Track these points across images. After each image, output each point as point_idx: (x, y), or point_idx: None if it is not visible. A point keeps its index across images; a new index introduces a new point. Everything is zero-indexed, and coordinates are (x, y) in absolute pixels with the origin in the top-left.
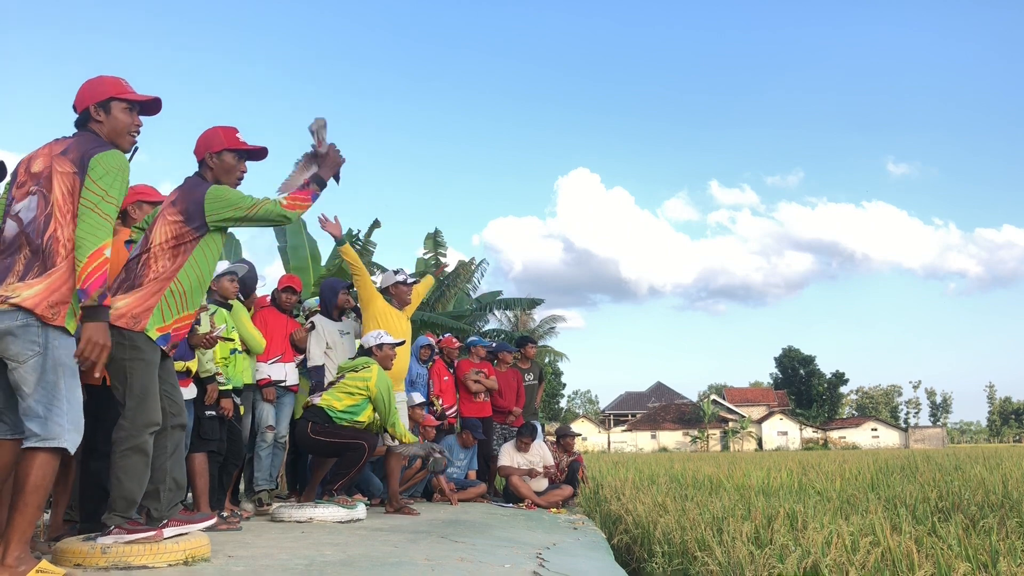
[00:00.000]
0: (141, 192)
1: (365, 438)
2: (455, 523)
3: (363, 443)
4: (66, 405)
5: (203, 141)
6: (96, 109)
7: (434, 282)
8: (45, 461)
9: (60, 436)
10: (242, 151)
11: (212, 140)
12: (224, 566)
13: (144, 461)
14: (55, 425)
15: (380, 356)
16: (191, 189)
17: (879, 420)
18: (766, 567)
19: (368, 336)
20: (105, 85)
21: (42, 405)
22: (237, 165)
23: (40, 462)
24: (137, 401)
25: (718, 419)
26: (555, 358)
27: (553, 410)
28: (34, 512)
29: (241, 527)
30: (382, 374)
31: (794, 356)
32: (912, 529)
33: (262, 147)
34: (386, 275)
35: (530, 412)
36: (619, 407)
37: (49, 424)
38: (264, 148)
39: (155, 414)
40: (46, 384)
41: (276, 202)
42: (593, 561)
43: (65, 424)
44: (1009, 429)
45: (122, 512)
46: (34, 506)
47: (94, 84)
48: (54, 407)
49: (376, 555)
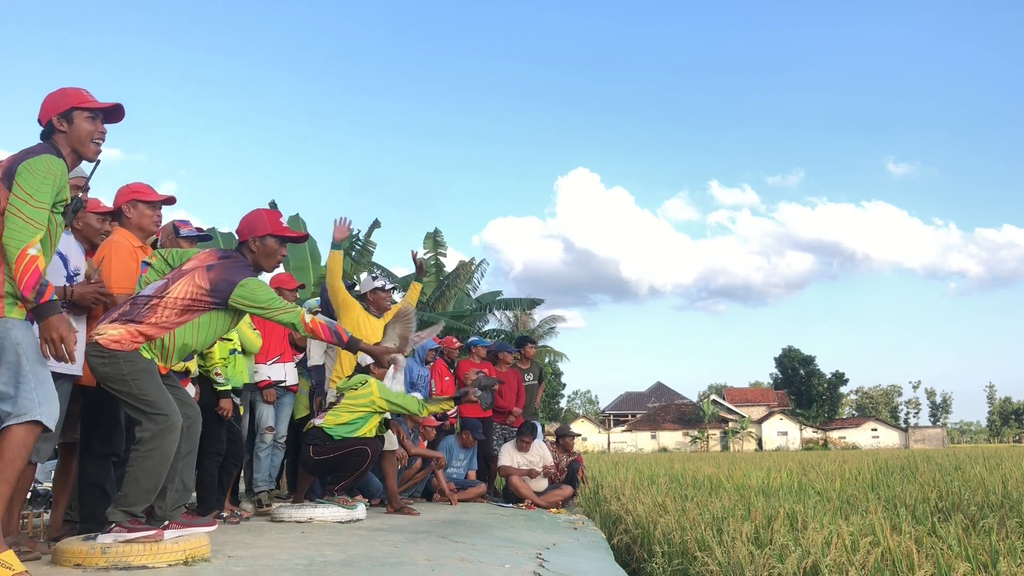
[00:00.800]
0: (136, 191)
1: (368, 443)
2: (455, 523)
3: (366, 448)
4: (33, 381)
5: (247, 224)
6: (59, 120)
7: (420, 285)
8: (21, 436)
9: (32, 410)
10: (285, 237)
11: (256, 224)
12: (224, 566)
13: (165, 463)
14: (26, 401)
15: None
16: (232, 270)
17: (879, 420)
18: (766, 567)
19: (362, 284)
20: (67, 96)
21: (9, 386)
22: (279, 250)
23: (15, 437)
24: (152, 405)
25: (718, 419)
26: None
27: (553, 410)
28: (5, 488)
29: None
30: (382, 386)
31: (794, 356)
32: (912, 529)
33: (304, 234)
34: (365, 281)
35: (530, 412)
36: (619, 407)
37: (19, 401)
38: (306, 235)
39: (174, 412)
40: (7, 365)
41: (299, 314)
42: (593, 561)
43: (35, 399)
44: (1009, 429)
45: (128, 508)
46: (5, 481)
47: (56, 96)
48: (21, 385)
49: (376, 555)
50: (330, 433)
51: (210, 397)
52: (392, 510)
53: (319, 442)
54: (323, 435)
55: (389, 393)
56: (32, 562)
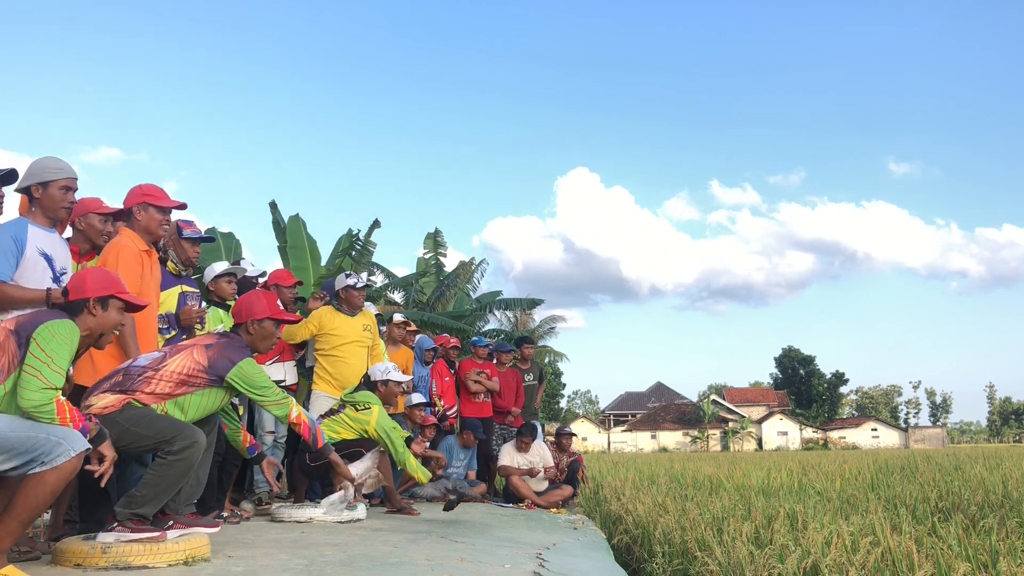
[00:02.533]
0: (148, 193)
1: (362, 445)
2: (455, 523)
3: (360, 450)
4: (33, 432)
5: (245, 306)
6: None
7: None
8: (60, 472)
9: (66, 451)
10: (282, 320)
11: (255, 307)
12: (224, 566)
13: (186, 474)
14: (49, 450)
15: (384, 392)
16: (230, 349)
17: (879, 420)
18: (766, 567)
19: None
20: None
21: (18, 458)
22: (275, 332)
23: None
24: (165, 432)
25: (718, 419)
26: (555, 358)
27: (553, 410)
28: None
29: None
30: (383, 416)
31: (794, 356)
32: (912, 529)
33: (298, 318)
34: (339, 278)
35: (530, 412)
36: (619, 407)
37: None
38: (299, 318)
39: (192, 431)
40: (8, 448)
41: (289, 407)
42: (593, 561)
43: (55, 439)
44: (1009, 429)
45: (138, 510)
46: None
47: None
48: (30, 445)
49: (376, 555)
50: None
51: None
52: (392, 510)
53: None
54: None
55: (386, 427)
56: (32, 562)
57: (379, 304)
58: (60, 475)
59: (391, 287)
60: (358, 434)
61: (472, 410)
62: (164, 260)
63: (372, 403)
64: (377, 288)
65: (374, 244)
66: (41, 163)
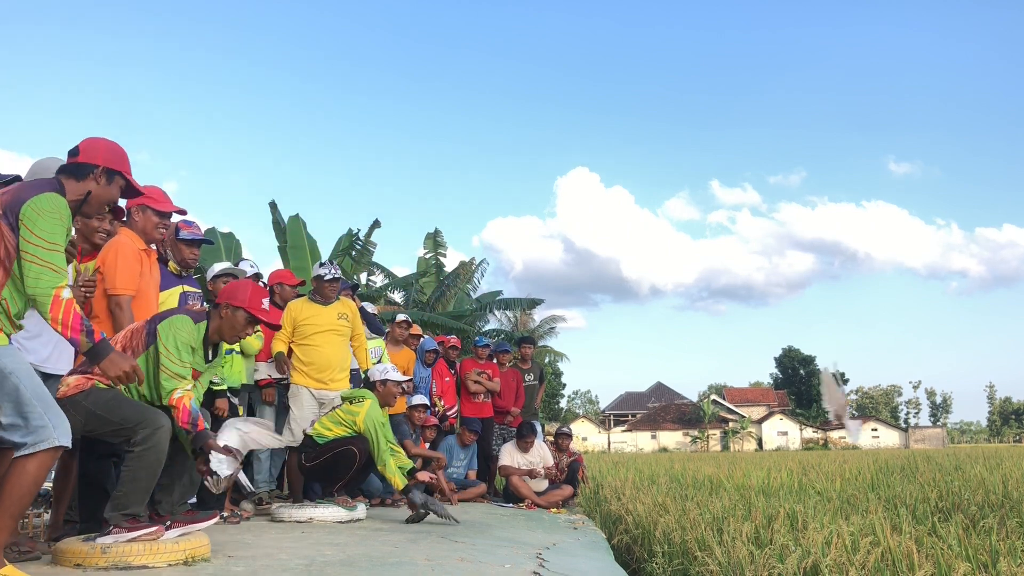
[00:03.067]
0: (148, 196)
1: (353, 442)
2: (455, 523)
3: (352, 448)
4: (40, 405)
5: (231, 289)
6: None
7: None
8: (37, 465)
9: (49, 436)
10: (257, 318)
11: (237, 294)
12: (224, 566)
13: (161, 459)
14: (39, 428)
15: (382, 392)
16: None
17: (879, 420)
18: (766, 567)
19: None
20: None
21: (15, 416)
22: (245, 326)
23: (30, 468)
24: (129, 420)
25: (718, 419)
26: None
27: (553, 410)
28: (10, 523)
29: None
30: (374, 410)
31: (794, 356)
32: (912, 529)
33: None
34: (313, 267)
35: (530, 412)
36: (619, 407)
37: (32, 429)
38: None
39: (156, 415)
40: (6, 396)
41: (173, 389)
42: (593, 561)
43: (48, 423)
44: (1009, 429)
45: (126, 511)
46: (12, 517)
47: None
48: (29, 413)
49: (376, 555)
50: (316, 440)
51: (207, 397)
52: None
53: (308, 449)
54: (311, 441)
55: (375, 421)
56: (32, 562)
57: (379, 304)
58: (40, 464)
59: (391, 287)
60: (348, 430)
61: (472, 410)
62: (165, 260)
63: (367, 397)
64: (377, 288)
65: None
66: (43, 163)
